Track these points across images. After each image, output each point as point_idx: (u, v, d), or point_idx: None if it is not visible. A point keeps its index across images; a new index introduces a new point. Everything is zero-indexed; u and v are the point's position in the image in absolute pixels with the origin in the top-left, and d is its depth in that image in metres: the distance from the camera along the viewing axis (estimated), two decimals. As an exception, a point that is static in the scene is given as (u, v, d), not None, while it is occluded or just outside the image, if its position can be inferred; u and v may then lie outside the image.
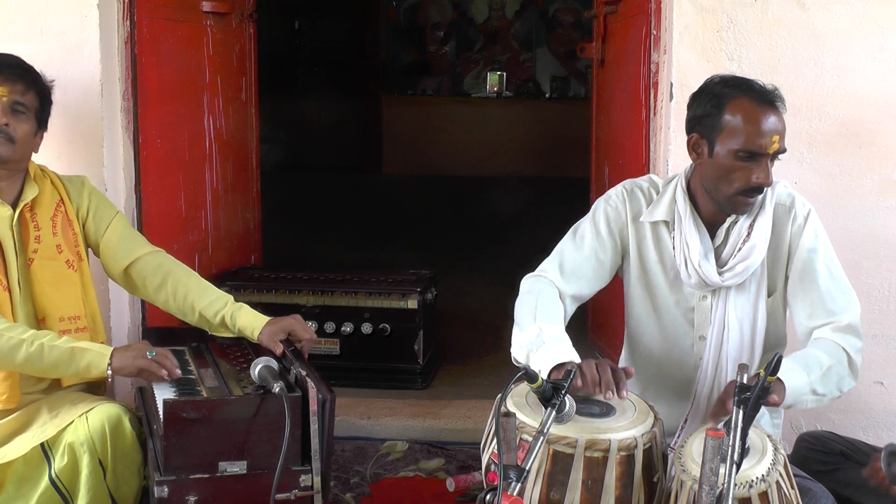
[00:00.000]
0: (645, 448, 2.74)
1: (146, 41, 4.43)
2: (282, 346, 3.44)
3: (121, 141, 4.30)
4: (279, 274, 5.17)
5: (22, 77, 3.51)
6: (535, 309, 3.15)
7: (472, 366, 5.36)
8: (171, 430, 3.05)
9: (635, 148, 4.50)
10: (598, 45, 5.37)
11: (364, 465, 4.16)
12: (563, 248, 3.33)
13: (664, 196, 3.26)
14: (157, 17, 4.53)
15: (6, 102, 3.46)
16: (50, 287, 3.54)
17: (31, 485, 3.38)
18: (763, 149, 3.01)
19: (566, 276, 3.28)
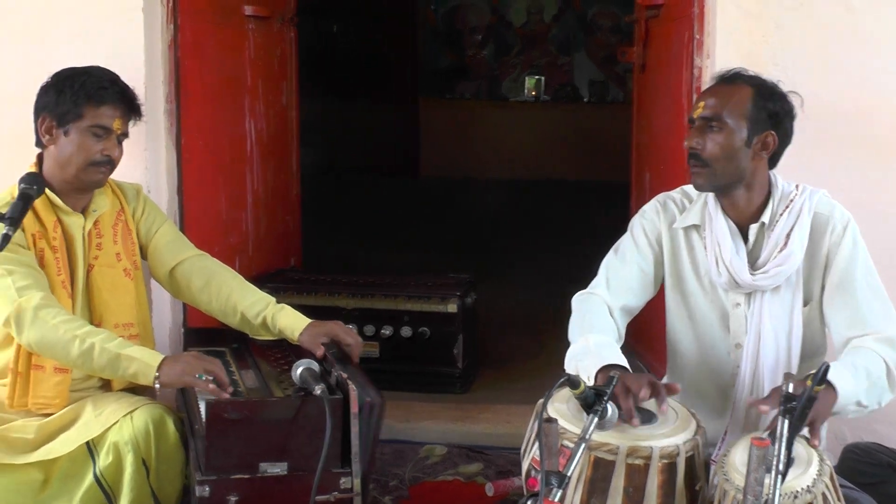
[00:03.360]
0: (687, 456, 2.73)
1: (189, 45, 4.46)
2: (322, 348, 3.46)
3: (163, 143, 4.34)
4: (318, 276, 5.19)
5: (133, 109, 3.59)
6: (582, 324, 3.21)
7: (512, 370, 5.36)
8: (213, 430, 3.07)
9: (677, 153, 4.48)
10: (639, 50, 5.36)
11: (403, 468, 4.17)
12: (607, 264, 3.38)
13: (697, 203, 3.29)
14: (199, 20, 4.57)
15: (118, 135, 3.53)
16: (107, 294, 3.59)
17: (75, 482, 3.42)
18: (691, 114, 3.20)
19: (613, 291, 3.31)
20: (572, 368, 3.07)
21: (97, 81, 3.55)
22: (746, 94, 3.12)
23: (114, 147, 3.54)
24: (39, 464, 3.43)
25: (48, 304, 3.37)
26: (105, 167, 3.54)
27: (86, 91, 3.51)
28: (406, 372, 4.88)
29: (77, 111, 3.49)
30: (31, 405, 3.51)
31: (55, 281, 3.51)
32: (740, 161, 3.12)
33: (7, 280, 3.39)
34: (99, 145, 3.50)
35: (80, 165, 3.51)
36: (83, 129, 3.50)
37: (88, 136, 3.50)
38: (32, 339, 3.36)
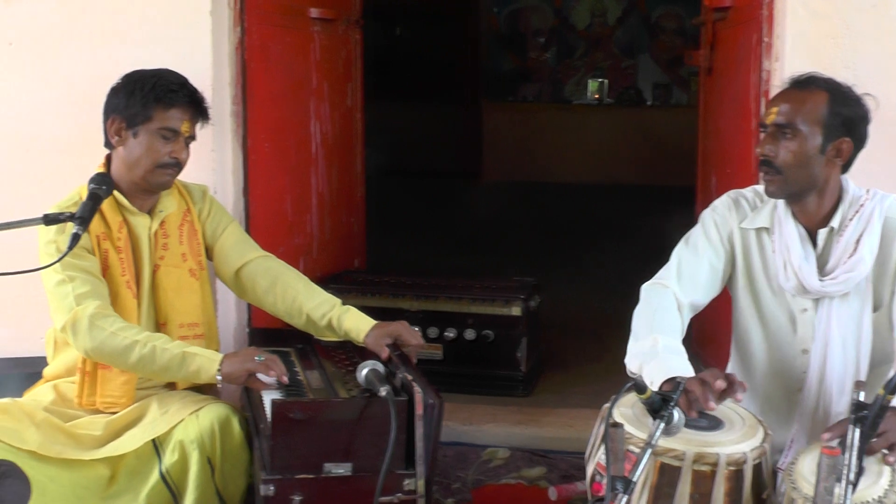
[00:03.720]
0: (754, 463, 2.70)
1: (256, 47, 4.49)
2: (388, 349, 3.47)
3: (230, 145, 4.37)
4: (383, 278, 5.21)
5: (201, 112, 3.64)
6: (651, 320, 3.17)
7: (575, 374, 5.34)
8: (279, 430, 3.09)
9: (744, 157, 4.46)
10: (705, 53, 5.32)
11: (465, 470, 4.16)
12: (679, 255, 3.33)
13: (766, 205, 3.25)
14: (266, 23, 4.60)
15: (186, 137, 3.57)
16: (173, 294, 3.63)
17: (141, 478, 3.46)
18: (763, 119, 3.14)
19: (683, 284, 3.27)
20: (635, 366, 3.04)
21: (167, 84, 3.58)
22: (821, 100, 3.07)
23: (181, 149, 3.57)
24: (106, 460, 3.47)
25: (104, 313, 3.42)
26: (172, 169, 3.58)
27: (155, 94, 3.55)
28: (469, 374, 4.88)
29: (146, 113, 3.53)
30: (98, 404, 3.56)
31: (119, 281, 3.55)
32: (814, 168, 3.07)
33: (67, 287, 3.44)
34: (167, 147, 3.54)
35: (148, 167, 3.55)
36: (152, 132, 3.54)
37: (157, 139, 3.54)
38: (88, 347, 3.41)
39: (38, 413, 3.52)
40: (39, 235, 3.57)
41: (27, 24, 4.44)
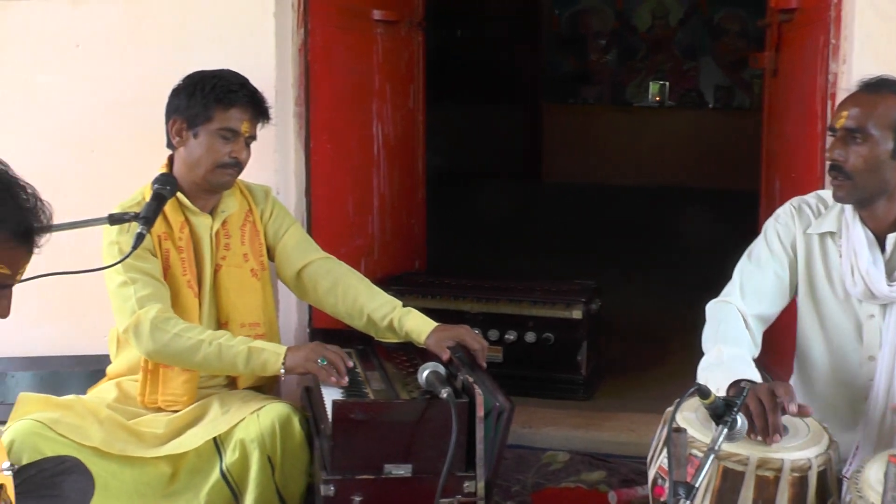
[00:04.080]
0: (819, 470, 2.67)
1: (319, 49, 4.52)
2: (448, 352, 3.47)
3: (292, 146, 4.39)
4: (443, 280, 5.21)
5: (261, 113, 3.67)
6: (716, 333, 3.14)
7: (636, 379, 5.32)
8: (339, 430, 3.10)
9: (809, 161, 4.41)
10: (770, 55, 5.27)
11: (525, 473, 4.16)
12: (741, 270, 3.30)
13: (833, 209, 3.21)
14: (329, 25, 4.62)
15: (246, 137, 3.60)
16: (234, 294, 3.66)
17: (202, 476, 3.49)
18: (832, 123, 3.09)
19: (747, 298, 3.23)
20: (703, 379, 3.01)
21: (227, 85, 3.61)
22: (892, 104, 3.02)
23: (242, 149, 3.60)
24: (168, 458, 3.51)
25: (165, 316, 3.46)
26: (233, 169, 3.60)
27: (215, 94, 3.58)
28: (529, 377, 4.87)
29: (207, 114, 3.57)
30: (160, 402, 3.61)
31: (180, 281, 3.59)
32: (884, 173, 3.03)
33: (130, 289, 3.49)
34: (227, 148, 3.57)
35: (209, 167, 3.58)
36: (212, 132, 3.56)
37: (217, 139, 3.57)
38: (151, 350, 3.46)
39: (101, 410, 3.56)
40: (103, 235, 3.61)
41: (94, 26, 4.50)
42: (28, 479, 2.93)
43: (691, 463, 2.62)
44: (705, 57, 13.77)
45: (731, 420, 2.62)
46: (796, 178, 4.67)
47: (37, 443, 3.29)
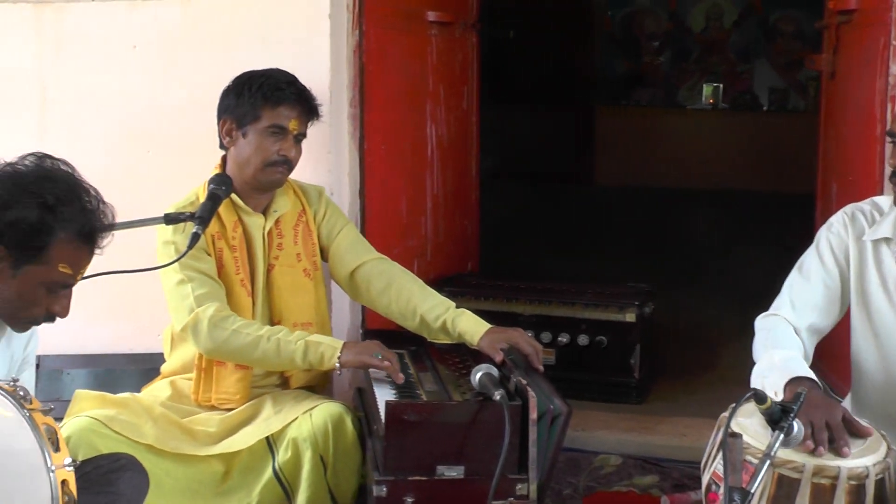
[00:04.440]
0: (877, 479, 2.62)
1: (373, 50, 4.52)
2: (501, 354, 3.47)
3: (346, 147, 4.40)
4: (496, 282, 5.20)
5: (310, 110, 3.71)
6: (766, 341, 3.11)
7: (689, 382, 5.28)
8: (392, 431, 3.12)
9: (867, 164, 4.36)
10: (828, 57, 5.22)
11: (577, 476, 4.15)
12: (791, 283, 3.26)
13: (889, 215, 3.16)
14: (384, 26, 4.62)
15: (295, 135, 3.63)
16: (287, 293, 3.69)
17: (255, 475, 3.52)
18: (890, 127, 3.05)
19: (798, 311, 3.20)
20: (758, 384, 2.98)
21: (274, 83, 3.64)
22: None
23: (290, 147, 3.62)
24: (221, 456, 3.54)
25: (223, 314, 3.49)
26: (282, 167, 3.62)
27: (263, 93, 3.61)
28: (582, 380, 4.85)
29: (255, 113, 3.60)
30: (214, 400, 3.64)
31: (233, 280, 3.62)
32: None
33: (187, 288, 3.52)
34: (276, 146, 3.59)
35: (258, 166, 3.60)
36: (261, 130, 3.60)
37: (266, 137, 3.59)
38: (210, 347, 3.49)
39: (155, 408, 3.60)
40: (158, 235, 3.65)
41: (151, 28, 4.53)
42: (84, 476, 2.96)
43: (746, 469, 2.59)
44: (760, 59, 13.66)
45: (787, 426, 2.59)
46: (853, 181, 4.63)
47: (92, 439, 3.33)
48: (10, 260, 2.55)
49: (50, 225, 2.54)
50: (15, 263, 2.55)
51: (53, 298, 2.65)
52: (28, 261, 2.56)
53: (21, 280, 2.57)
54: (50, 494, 2.28)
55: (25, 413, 2.31)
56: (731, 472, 2.43)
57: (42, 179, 2.58)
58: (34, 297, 2.61)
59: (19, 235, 2.53)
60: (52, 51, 4.66)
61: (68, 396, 3.79)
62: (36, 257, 2.56)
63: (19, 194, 2.54)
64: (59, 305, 2.66)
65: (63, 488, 2.29)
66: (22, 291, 2.59)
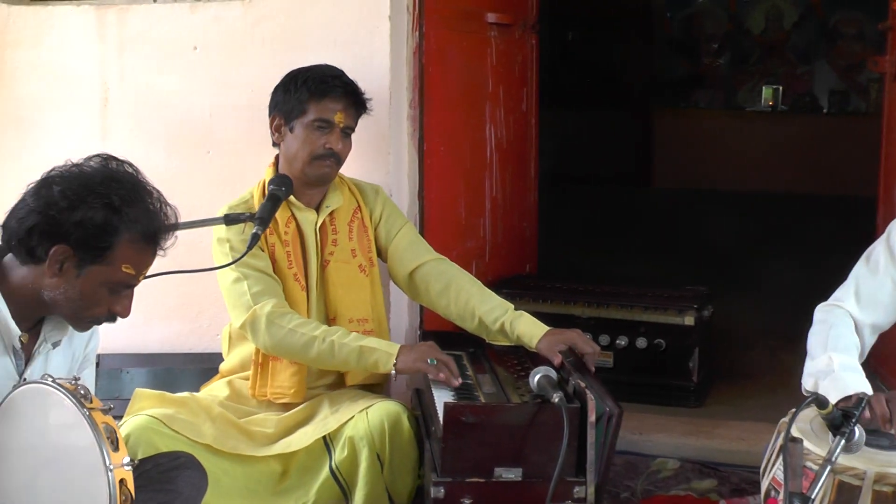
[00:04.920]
0: (940, 487, 2.61)
1: (433, 51, 4.52)
2: (560, 356, 3.45)
3: (406, 148, 4.40)
4: (554, 284, 5.18)
5: (356, 102, 3.71)
6: (826, 339, 3.05)
7: (747, 387, 5.23)
8: (450, 432, 3.11)
9: (932, 167, 4.31)
10: (891, 58, 5.15)
11: (634, 480, 4.12)
12: (857, 275, 3.20)
13: None
14: (443, 28, 4.62)
15: (341, 128, 3.64)
16: (342, 289, 3.69)
17: (312, 474, 3.53)
18: None
19: (862, 305, 3.14)
20: (810, 385, 2.96)
21: (320, 77, 3.67)
22: None
23: (337, 140, 3.63)
24: (278, 456, 3.55)
25: (281, 311, 3.51)
26: (329, 160, 3.63)
27: (308, 87, 3.63)
28: (640, 383, 4.82)
29: (301, 107, 3.62)
30: (270, 395, 3.66)
31: (286, 274, 3.64)
32: None
33: (243, 285, 3.54)
34: (322, 139, 3.61)
35: (305, 160, 3.62)
36: (307, 124, 3.62)
37: (312, 131, 3.61)
38: (269, 344, 3.51)
39: (213, 408, 3.62)
40: (213, 233, 3.67)
41: (212, 29, 4.56)
42: (143, 474, 2.98)
43: (805, 475, 2.57)
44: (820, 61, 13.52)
45: (848, 431, 2.56)
46: (917, 184, 4.57)
47: (151, 438, 3.36)
48: (75, 260, 2.57)
49: (115, 225, 2.56)
50: (79, 263, 2.58)
51: (115, 298, 2.67)
52: (92, 261, 2.58)
53: (85, 280, 2.60)
54: (108, 493, 2.29)
55: (85, 412, 2.33)
56: (791, 478, 2.40)
57: (108, 180, 2.60)
58: (97, 297, 2.63)
59: (85, 235, 2.55)
60: (115, 52, 4.71)
61: (127, 395, 3.82)
62: (100, 257, 2.58)
63: (86, 195, 2.56)
64: (120, 306, 2.69)
65: (121, 487, 2.30)
66: (85, 291, 2.61)
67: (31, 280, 2.62)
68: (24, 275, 2.63)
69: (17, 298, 2.64)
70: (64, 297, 2.61)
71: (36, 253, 2.59)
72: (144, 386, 4.25)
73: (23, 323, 2.67)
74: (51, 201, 2.57)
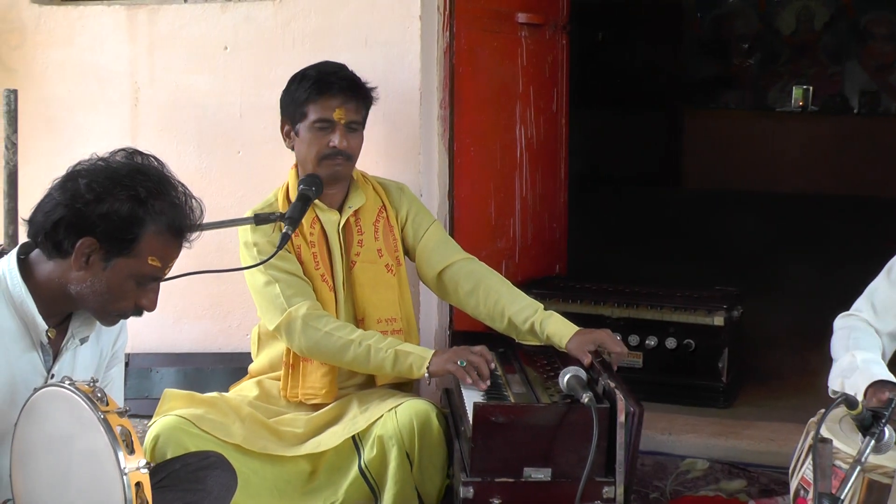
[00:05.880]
0: (969, 486, 2.59)
1: (464, 52, 4.52)
2: (590, 356, 3.43)
3: (436, 148, 4.40)
4: (584, 284, 5.17)
5: (355, 95, 3.67)
6: (848, 341, 3.08)
7: (776, 388, 5.21)
8: (479, 432, 3.11)
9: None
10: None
11: (663, 480, 4.11)
12: (876, 287, 3.21)
13: None
14: (474, 28, 4.61)
15: (344, 125, 3.62)
16: (370, 289, 3.69)
17: (341, 473, 3.53)
18: None
19: (880, 315, 3.15)
20: (837, 385, 2.97)
21: (316, 77, 3.67)
22: None
23: (342, 137, 3.61)
24: (308, 456, 3.56)
25: (317, 313, 3.51)
26: (338, 158, 3.63)
27: (305, 89, 3.64)
28: (669, 383, 4.80)
29: (302, 110, 3.64)
30: (301, 395, 3.66)
31: (314, 275, 3.64)
32: None
33: (275, 288, 3.54)
34: (325, 139, 3.60)
35: (314, 161, 3.63)
36: (309, 126, 3.63)
37: (315, 132, 3.62)
38: (304, 346, 3.51)
39: (243, 408, 3.62)
40: (239, 237, 3.68)
41: (242, 29, 4.58)
42: (173, 473, 3.00)
43: (835, 475, 2.55)
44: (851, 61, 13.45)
45: (878, 432, 2.54)
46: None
47: (181, 438, 3.37)
48: (102, 252, 2.57)
49: (141, 217, 2.56)
50: (106, 256, 2.58)
51: (142, 292, 2.66)
52: (118, 253, 2.58)
53: (111, 273, 2.59)
54: (123, 496, 2.28)
55: (100, 415, 2.32)
56: (820, 478, 2.38)
57: (134, 173, 2.60)
58: (124, 290, 2.63)
59: (111, 227, 2.55)
60: (145, 52, 4.73)
61: (157, 394, 3.83)
62: (127, 250, 2.58)
63: (112, 187, 2.56)
64: (147, 299, 2.68)
65: (137, 490, 2.29)
66: (112, 284, 2.61)
67: (57, 274, 2.62)
68: (50, 269, 2.63)
69: (43, 294, 2.64)
70: (90, 291, 2.61)
71: (62, 246, 2.59)
72: (173, 385, 4.28)
73: (50, 318, 2.68)
74: (77, 194, 2.57)
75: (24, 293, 2.62)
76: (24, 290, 2.62)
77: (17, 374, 2.64)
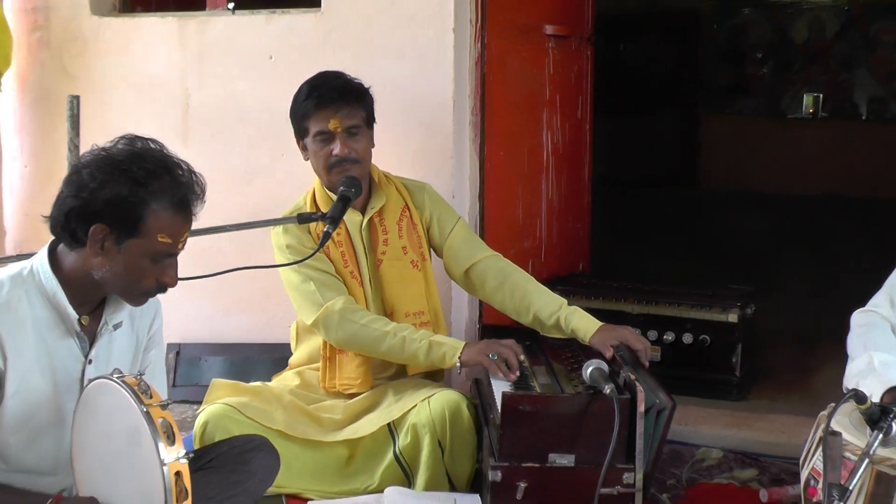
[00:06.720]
0: (976, 477, 2.60)
1: (494, 61, 4.55)
2: (612, 350, 3.46)
3: (467, 152, 4.43)
4: (606, 282, 5.18)
5: (347, 101, 3.67)
6: (865, 340, 3.05)
7: (788, 382, 5.19)
8: (507, 420, 3.15)
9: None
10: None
11: (680, 468, 4.12)
12: (892, 282, 3.19)
13: None
14: (504, 39, 4.65)
15: (342, 132, 3.63)
16: (397, 285, 3.72)
17: (377, 459, 3.57)
18: None
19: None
20: (852, 385, 2.93)
21: (307, 93, 3.70)
22: None
23: (342, 145, 3.63)
24: (345, 441, 3.60)
25: (352, 307, 3.55)
26: (346, 164, 3.64)
27: (300, 107, 3.66)
28: (685, 377, 4.79)
29: (304, 126, 3.67)
30: (338, 386, 3.70)
31: (344, 273, 3.68)
32: None
33: (310, 286, 3.58)
34: (328, 149, 3.63)
35: (323, 172, 3.67)
36: (313, 140, 3.66)
37: (318, 144, 3.65)
38: (341, 339, 3.54)
39: (284, 396, 3.67)
40: (272, 239, 3.72)
41: (286, 39, 4.62)
42: (220, 455, 3.05)
43: (844, 466, 2.57)
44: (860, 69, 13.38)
45: (886, 426, 2.55)
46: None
47: (227, 425, 3.42)
48: (113, 237, 2.60)
49: (142, 197, 2.58)
50: (118, 239, 2.61)
51: (160, 269, 2.68)
52: (129, 235, 2.60)
53: (126, 254, 2.62)
54: (163, 486, 2.32)
55: (143, 408, 2.36)
56: (830, 469, 2.40)
57: (133, 157, 2.63)
58: (141, 269, 2.65)
59: (116, 211, 2.58)
60: (195, 60, 4.78)
61: (206, 382, 3.89)
62: (135, 230, 2.60)
63: (112, 173, 2.59)
64: (167, 276, 2.70)
65: (177, 479, 2.33)
66: (129, 265, 2.63)
67: (80, 263, 2.67)
68: (73, 259, 2.68)
69: (72, 283, 2.69)
70: (111, 274, 2.65)
71: (77, 236, 2.63)
72: (220, 374, 4.34)
73: (82, 306, 2.73)
74: (81, 184, 2.61)
75: (55, 285, 2.67)
76: (55, 281, 2.67)
77: (55, 360, 2.71)
